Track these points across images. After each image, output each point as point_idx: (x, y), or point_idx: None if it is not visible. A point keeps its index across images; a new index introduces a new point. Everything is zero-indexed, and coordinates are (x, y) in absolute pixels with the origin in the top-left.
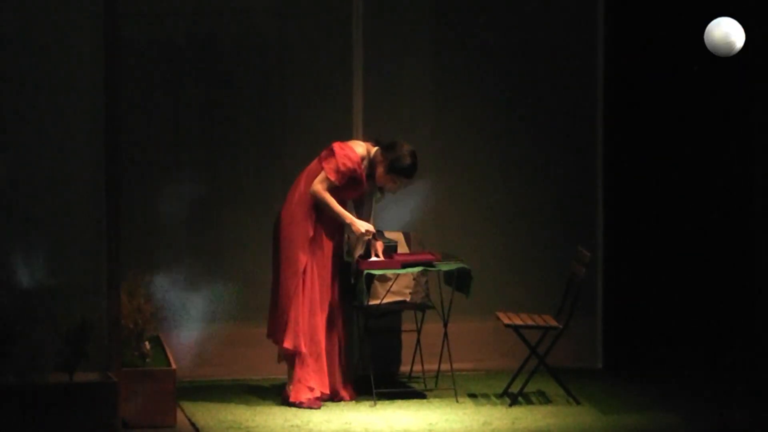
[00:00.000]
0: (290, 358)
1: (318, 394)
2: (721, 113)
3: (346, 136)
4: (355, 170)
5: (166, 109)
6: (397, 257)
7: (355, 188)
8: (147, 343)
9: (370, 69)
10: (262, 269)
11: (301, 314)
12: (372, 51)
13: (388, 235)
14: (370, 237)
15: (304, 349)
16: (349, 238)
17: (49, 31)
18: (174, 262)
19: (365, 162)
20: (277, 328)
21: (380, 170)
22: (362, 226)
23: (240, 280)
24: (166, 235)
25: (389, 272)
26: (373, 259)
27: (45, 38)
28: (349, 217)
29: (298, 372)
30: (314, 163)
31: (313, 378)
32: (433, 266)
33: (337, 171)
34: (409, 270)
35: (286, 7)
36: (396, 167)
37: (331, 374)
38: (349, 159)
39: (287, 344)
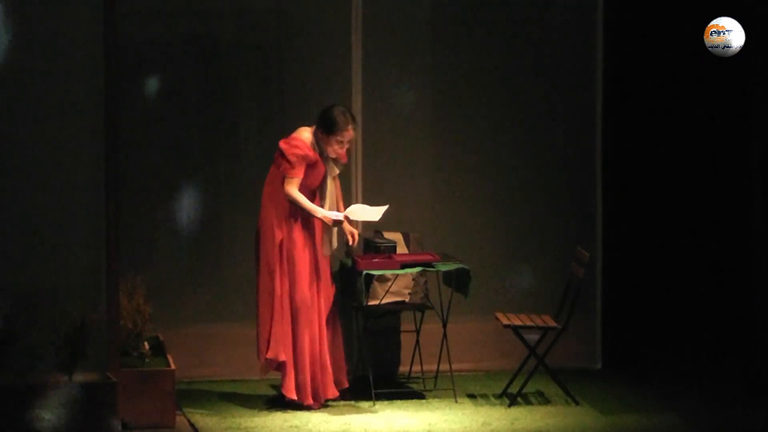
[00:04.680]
0: (275, 364)
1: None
2: (720, 114)
3: None
4: (307, 155)
5: (166, 108)
6: (396, 257)
7: (315, 173)
8: (146, 343)
9: (369, 69)
10: None
11: (277, 321)
12: (371, 51)
13: (388, 235)
14: (341, 225)
15: (283, 358)
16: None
17: (49, 30)
18: (174, 263)
19: (314, 145)
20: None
21: (323, 140)
22: (330, 216)
23: (239, 280)
24: (166, 236)
25: (388, 273)
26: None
27: (45, 38)
28: (319, 211)
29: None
30: (272, 168)
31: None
32: (432, 267)
33: (292, 165)
34: (408, 270)
35: (286, 7)
36: (328, 126)
37: (313, 378)
38: (297, 147)
39: (270, 354)
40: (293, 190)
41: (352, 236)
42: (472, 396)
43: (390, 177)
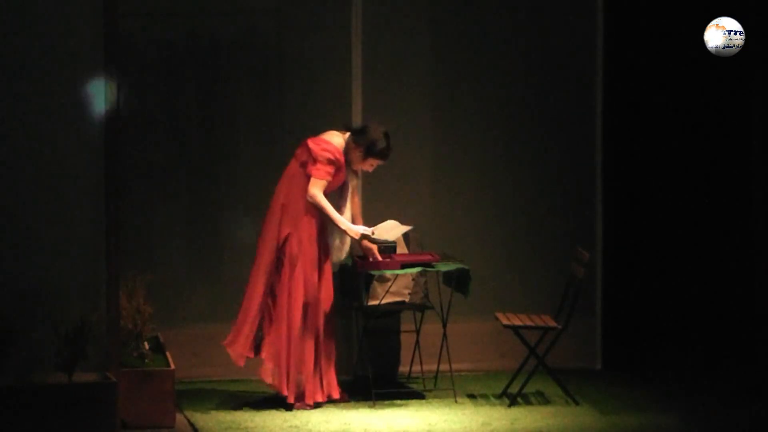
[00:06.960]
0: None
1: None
2: (720, 114)
3: None
4: (337, 159)
5: (166, 108)
6: (396, 257)
7: (336, 180)
8: (146, 343)
9: (369, 69)
10: None
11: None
12: (371, 51)
13: None
14: (367, 239)
15: (242, 361)
16: (333, 240)
17: (49, 30)
18: (173, 263)
19: (345, 152)
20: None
21: (356, 155)
22: (356, 230)
23: (239, 280)
24: (166, 235)
25: (388, 273)
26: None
27: (45, 38)
28: (343, 222)
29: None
30: (292, 164)
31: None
32: (432, 266)
33: (321, 167)
34: (408, 270)
35: (286, 7)
36: (374, 151)
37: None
38: (329, 152)
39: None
40: (319, 193)
41: (372, 254)
42: (472, 396)
43: (390, 177)
